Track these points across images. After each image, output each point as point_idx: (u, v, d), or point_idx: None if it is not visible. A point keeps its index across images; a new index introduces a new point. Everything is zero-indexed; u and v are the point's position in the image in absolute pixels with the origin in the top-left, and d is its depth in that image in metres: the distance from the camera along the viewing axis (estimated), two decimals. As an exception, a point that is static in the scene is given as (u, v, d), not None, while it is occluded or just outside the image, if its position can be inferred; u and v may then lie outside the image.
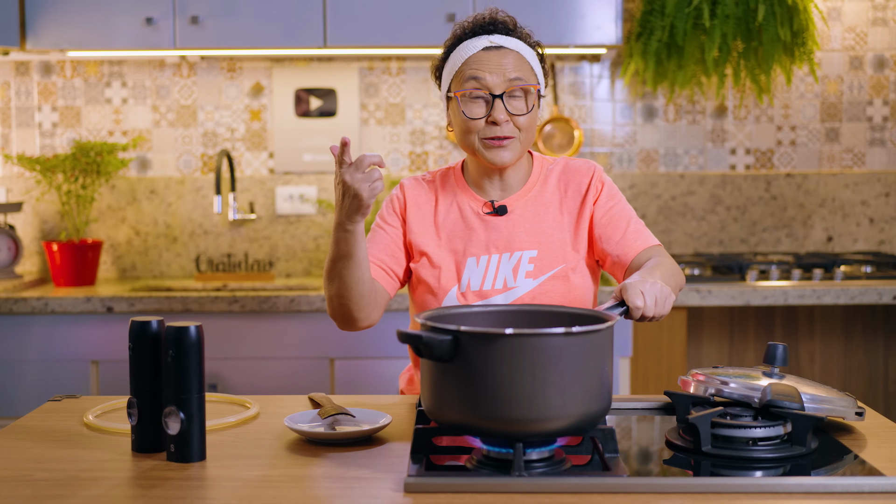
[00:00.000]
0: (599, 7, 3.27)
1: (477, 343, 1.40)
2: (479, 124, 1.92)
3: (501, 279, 1.95)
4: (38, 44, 3.32)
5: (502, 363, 1.39)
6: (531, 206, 2.00)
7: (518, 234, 1.97)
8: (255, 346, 3.12)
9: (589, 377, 1.43)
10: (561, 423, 1.41)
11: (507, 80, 1.91)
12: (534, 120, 1.95)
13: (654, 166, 3.71)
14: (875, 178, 3.72)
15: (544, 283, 1.94)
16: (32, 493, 1.40)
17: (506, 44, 1.94)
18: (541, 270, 1.95)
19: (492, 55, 1.92)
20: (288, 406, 1.86)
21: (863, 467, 1.48)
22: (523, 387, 1.39)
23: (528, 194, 2.00)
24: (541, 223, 1.98)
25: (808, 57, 3.51)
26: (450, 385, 1.43)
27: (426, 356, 1.43)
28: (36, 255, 3.71)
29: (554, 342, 1.40)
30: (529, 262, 1.95)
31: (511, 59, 1.92)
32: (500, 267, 1.95)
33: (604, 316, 1.55)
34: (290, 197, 3.67)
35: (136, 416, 1.57)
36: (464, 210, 2.00)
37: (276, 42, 3.32)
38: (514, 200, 2.00)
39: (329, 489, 1.42)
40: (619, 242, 1.97)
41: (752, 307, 3.46)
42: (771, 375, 1.65)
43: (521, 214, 1.99)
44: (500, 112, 1.90)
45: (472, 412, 1.42)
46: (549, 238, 1.97)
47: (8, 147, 3.71)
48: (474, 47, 1.94)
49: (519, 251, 1.96)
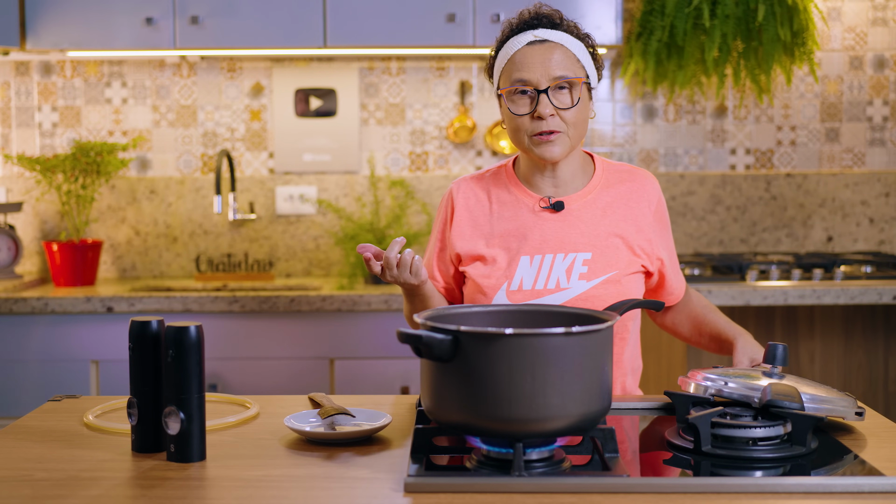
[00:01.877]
0: (599, 7, 3.27)
1: (477, 343, 1.40)
2: (525, 121, 1.91)
3: (555, 279, 1.93)
4: (38, 44, 3.32)
5: (502, 363, 1.39)
6: (589, 208, 1.97)
7: (574, 235, 1.95)
8: (255, 346, 3.12)
9: (589, 377, 1.43)
10: (561, 423, 1.41)
11: (551, 75, 1.89)
12: (582, 113, 1.93)
13: (654, 166, 3.71)
14: (875, 178, 3.72)
15: (598, 287, 1.92)
16: (32, 493, 1.40)
17: (550, 37, 1.92)
18: (594, 273, 1.93)
19: (536, 50, 1.91)
20: (288, 406, 1.85)
21: (863, 467, 1.48)
22: (523, 387, 1.39)
23: (587, 196, 1.98)
24: (597, 226, 1.96)
25: (808, 57, 3.51)
26: (450, 385, 1.43)
27: (426, 356, 1.43)
28: (36, 255, 3.71)
29: (554, 342, 1.40)
30: (583, 265, 1.93)
31: (556, 53, 1.91)
32: (554, 267, 1.93)
33: (604, 316, 1.55)
34: (290, 197, 3.67)
35: (136, 416, 1.57)
36: (518, 208, 1.98)
37: (276, 42, 3.32)
38: (572, 200, 1.97)
39: (329, 489, 1.42)
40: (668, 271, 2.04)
41: (752, 307, 3.46)
42: (771, 375, 1.65)
43: (579, 216, 1.97)
44: (545, 107, 1.88)
45: (472, 412, 1.41)
46: (604, 242, 1.95)
47: (8, 147, 3.71)
48: (519, 43, 1.93)
49: (573, 252, 1.94)
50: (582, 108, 1.92)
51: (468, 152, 3.69)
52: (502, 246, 1.96)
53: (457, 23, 3.25)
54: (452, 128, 3.66)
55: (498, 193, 2.01)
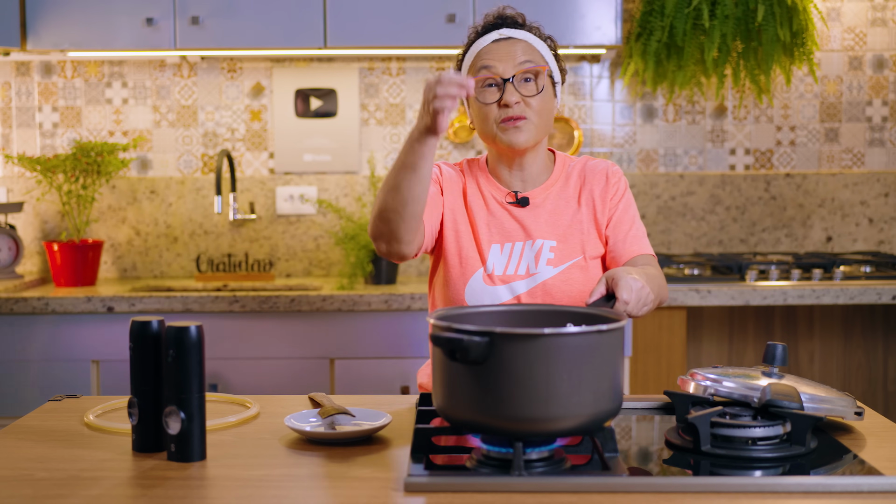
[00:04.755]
0: (599, 7, 3.27)
1: (514, 344, 1.39)
2: (492, 109, 1.99)
3: (524, 265, 2.02)
4: (39, 44, 3.32)
5: (540, 363, 1.38)
6: (552, 199, 2.07)
7: (539, 224, 2.04)
8: (256, 346, 3.12)
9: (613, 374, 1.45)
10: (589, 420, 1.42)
11: (516, 65, 1.98)
12: (546, 103, 2.01)
13: (653, 166, 3.71)
14: (874, 178, 3.72)
15: (565, 272, 2.01)
16: (33, 492, 1.40)
17: (515, 35, 2.02)
18: (561, 259, 2.02)
19: (501, 45, 2.01)
20: (288, 406, 1.86)
21: (862, 467, 1.49)
22: (560, 386, 1.39)
23: (550, 189, 2.08)
24: (560, 216, 2.05)
25: (808, 57, 3.51)
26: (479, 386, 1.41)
27: (461, 360, 1.40)
28: (36, 255, 3.71)
29: (588, 340, 1.41)
30: (550, 251, 2.02)
31: (520, 46, 2.01)
32: (524, 253, 2.03)
33: (614, 315, 1.56)
34: (290, 197, 3.67)
35: (136, 416, 1.57)
36: (487, 198, 2.07)
37: (277, 42, 3.32)
38: (536, 193, 2.07)
39: (329, 489, 1.42)
40: (617, 242, 2.06)
41: (752, 307, 3.47)
42: (770, 375, 1.65)
43: (543, 206, 2.06)
44: (511, 94, 1.97)
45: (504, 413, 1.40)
46: (567, 231, 2.04)
47: (9, 147, 3.71)
48: (485, 41, 2.03)
49: (541, 240, 2.03)
50: (546, 97, 2.01)
51: (468, 152, 3.69)
52: (474, 232, 2.05)
53: (457, 23, 3.25)
54: (452, 128, 3.66)
55: (471, 183, 2.10)
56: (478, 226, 2.05)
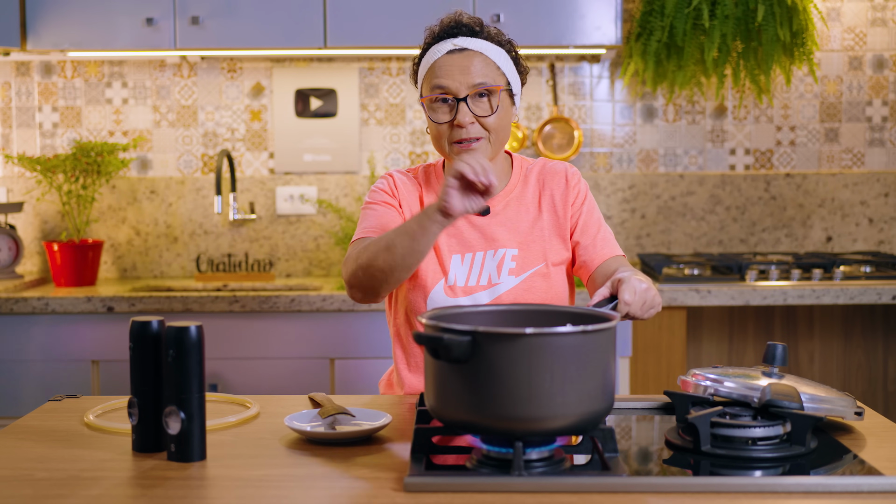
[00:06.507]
0: (599, 7, 3.27)
1: (496, 343, 1.39)
2: (445, 128, 1.95)
3: (486, 276, 1.98)
4: (39, 44, 3.33)
5: (522, 362, 1.38)
6: (513, 206, 2.03)
7: (500, 232, 2.00)
8: (256, 346, 3.12)
9: (602, 374, 1.44)
10: (576, 421, 1.42)
11: (470, 83, 1.92)
12: (503, 120, 1.96)
13: (653, 166, 3.71)
14: (874, 178, 3.72)
15: (526, 280, 1.98)
16: (33, 492, 1.40)
17: (469, 45, 1.94)
18: (522, 268, 1.99)
19: (455, 59, 1.94)
20: (288, 406, 1.86)
21: (862, 467, 1.49)
22: (542, 385, 1.39)
23: (509, 195, 2.04)
24: (521, 223, 2.02)
25: (808, 57, 3.51)
26: (465, 385, 1.41)
27: (444, 358, 1.41)
28: (36, 255, 3.71)
29: (572, 340, 1.40)
30: (511, 260, 1.99)
31: (475, 62, 1.93)
32: (485, 264, 1.99)
33: (606, 315, 1.56)
34: (290, 197, 3.67)
35: (136, 416, 1.57)
36: None
37: (277, 42, 3.32)
38: (496, 201, 2.02)
39: (329, 489, 1.42)
40: (586, 247, 2.02)
41: (752, 307, 3.47)
42: (770, 375, 1.65)
43: (504, 214, 2.02)
44: (465, 115, 1.92)
45: (488, 412, 1.40)
46: (528, 237, 2.01)
47: (9, 147, 3.72)
48: (439, 52, 1.96)
49: (502, 248, 1.99)
50: (503, 114, 1.96)
51: (468, 152, 3.69)
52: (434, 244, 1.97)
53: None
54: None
55: (428, 192, 2.06)
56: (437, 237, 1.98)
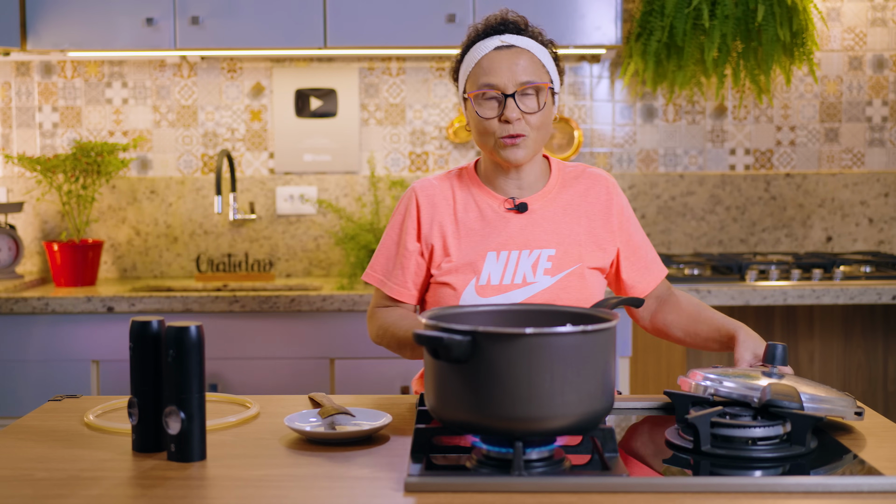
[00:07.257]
0: (599, 7, 3.27)
1: (496, 343, 1.39)
2: (492, 124, 1.97)
3: (521, 275, 1.99)
4: (39, 44, 3.32)
5: (522, 362, 1.38)
6: (550, 206, 2.05)
7: (537, 232, 2.02)
8: (256, 346, 3.12)
9: (601, 374, 1.44)
10: (575, 421, 1.42)
11: (518, 80, 1.96)
12: (546, 118, 2.00)
13: (653, 166, 3.71)
14: (874, 178, 3.72)
15: (562, 280, 2.00)
16: (33, 492, 1.40)
17: (517, 43, 1.99)
18: (558, 268, 2.00)
19: (503, 55, 1.97)
20: (288, 406, 1.86)
21: (862, 467, 1.49)
22: (542, 385, 1.39)
23: (548, 195, 2.06)
24: (559, 223, 2.04)
25: (808, 57, 3.51)
26: (465, 385, 1.41)
27: (444, 358, 1.41)
28: (37, 255, 3.71)
29: (572, 340, 1.40)
30: (548, 260, 2.00)
31: (522, 59, 1.97)
32: (520, 263, 2.00)
33: (606, 315, 1.56)
34: (290, 197, 3.67)
35: (136, 416, 1.57)
36: (482, 208, 2.05)
37: (277, 42, 3.32)
38: (534, 200, 2.05)
39: (329, 489, 1.42)
40: (640, 270, 2.09)
41: (752, 307, 3.47)
42: (770, 375, 1.65)
43: (541, 214, 2.04)
44: (512, 111, 1.95)
45: (489, 412, 1.40)
46: (566, 238, 2.03)
47: (9, 147, 3.72)
48: (486, 48, 1.99)
49: (538, 249, 2.01)
50: (547, 112, 2.00)
51: (468, 152, 3.69)
52: (469, 243, 2.02)
53: (457, 23, 3.25)
54: (452, 128, 3.66)
55: (461, 194, 2.07)
56: (472, 237, 2.02)
